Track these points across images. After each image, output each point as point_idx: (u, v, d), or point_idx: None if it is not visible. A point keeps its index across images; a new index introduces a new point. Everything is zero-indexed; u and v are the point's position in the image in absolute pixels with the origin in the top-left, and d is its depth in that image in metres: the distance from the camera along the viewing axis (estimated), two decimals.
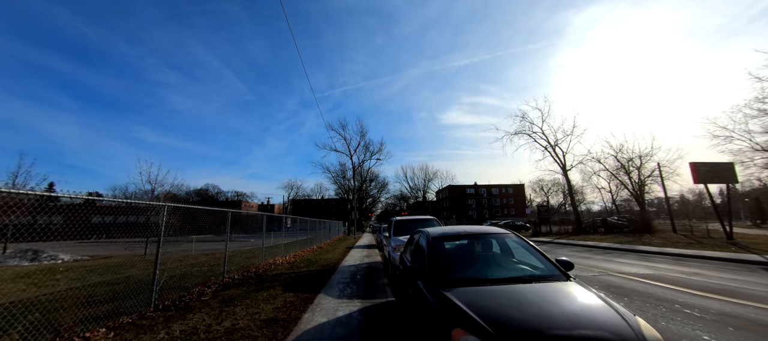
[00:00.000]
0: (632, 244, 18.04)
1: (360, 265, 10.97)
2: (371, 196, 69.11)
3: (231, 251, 17.09)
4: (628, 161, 36.12)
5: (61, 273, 10.28)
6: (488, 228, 4.17)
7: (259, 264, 10.58)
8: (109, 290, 6.83)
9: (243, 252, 16.06)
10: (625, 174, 36.65)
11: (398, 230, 9.31)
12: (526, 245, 3.70)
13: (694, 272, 8.63)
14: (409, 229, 9.35)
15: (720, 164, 18.28)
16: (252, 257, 13.37)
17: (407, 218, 9.98)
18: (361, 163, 43.74)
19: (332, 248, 18.78)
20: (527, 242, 3.73)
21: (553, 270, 3.18)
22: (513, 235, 3.94)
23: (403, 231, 9.26)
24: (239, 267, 9.93)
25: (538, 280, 2.94)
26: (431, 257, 3.45)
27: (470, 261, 3.62)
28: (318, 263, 11.70)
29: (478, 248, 3.99)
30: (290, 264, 11.28)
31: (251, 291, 6.75)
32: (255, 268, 9.94)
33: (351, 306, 5.63)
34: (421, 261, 3.99)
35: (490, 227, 4.28)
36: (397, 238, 8.58)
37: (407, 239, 8.15)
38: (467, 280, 3.04)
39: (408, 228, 9.42)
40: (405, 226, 9.52)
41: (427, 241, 3.90)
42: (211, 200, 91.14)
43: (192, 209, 7.51)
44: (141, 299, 5.35)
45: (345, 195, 53.86)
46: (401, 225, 9.57)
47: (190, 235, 21.99)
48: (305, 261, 12.39)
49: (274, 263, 11.27)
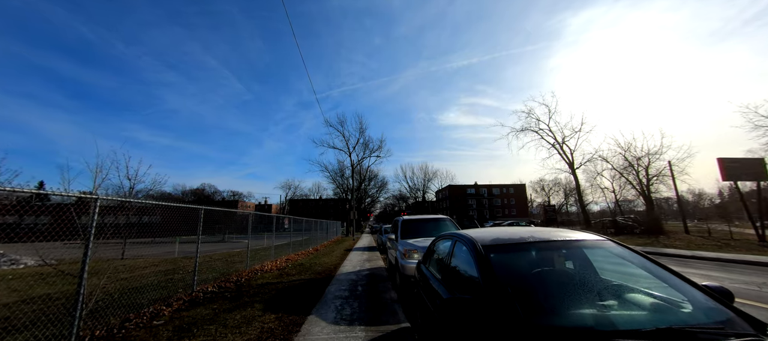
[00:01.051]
0: (654, 246, 16.64)
1: (360, 272, 9.48)
2: (370, 196, 67.61)
3: (216, 255, 15.63)
4: (637, 159, 34.90)
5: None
6: (567, 233, 2.69)
7: (242, 271, 9.07)
8: (34, 310, 5.28)
9: (230, 256, 14.55)
10: (634, 173, 35.45)
11: (407, 232, 7.83)
12: (646, 262, 2.23)
13: (763, 282, 7.20)
14: (421, 230, 7.88)
15: (749, 160, 16.93)
16: (238, 261, 11.85)
17: (418, 217, 8.51)
18: (360, 161, 42.19)
19: (329, 251, 17.27)
20: (648, 259, 2.26)
21: (723, 312, 1.72)
22: (613, 243, 2.46)
23: (413, 233, 7.79)
24: (218, 275, 8.42)
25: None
26: (491, 281, 1.97)
27: (565, 291, 2.11)
28: (312, 269, 10.19)
29: (565, 266, 2.50)
30: (280, 271, 9.77)
31: (222, 311, 5.24)
32: (237, 276, 8.43)
33: (351, 336, 4.14)
34: (461, 283, 2.52)
35: (569, 232, 2.76)
36: (406, 241, 7.11)
37: (421, 243, 6.72)
38: (576, 332, 1.57)
39: (420, 230, 7.95)
40: (416, 227, 8.05)
41: (473, 252, 2.42)
42: (207, 200, 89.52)
43: (170, 208, 6.02)
44: (59, 328, 3.84)
45: (343, 195, 52.26)
46: (411, 226, 8.09)
47: (183, 235, 20.44)
48: (298, 266, 10.88)
49: (261, 269, 9.75)
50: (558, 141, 32.54)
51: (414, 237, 7.47)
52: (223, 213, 9.41)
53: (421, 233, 7.79)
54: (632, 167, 35.37)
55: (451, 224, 8.20)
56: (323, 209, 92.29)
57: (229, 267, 10.22)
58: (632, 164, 35.37)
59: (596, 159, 35.38)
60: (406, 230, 7.92)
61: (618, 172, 37.12)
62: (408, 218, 8.45)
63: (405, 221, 8.32)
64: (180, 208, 6.22)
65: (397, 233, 7.98)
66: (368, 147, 42.01)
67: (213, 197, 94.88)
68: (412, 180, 78.73)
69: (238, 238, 36.06)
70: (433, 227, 8.01)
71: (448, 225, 8.11)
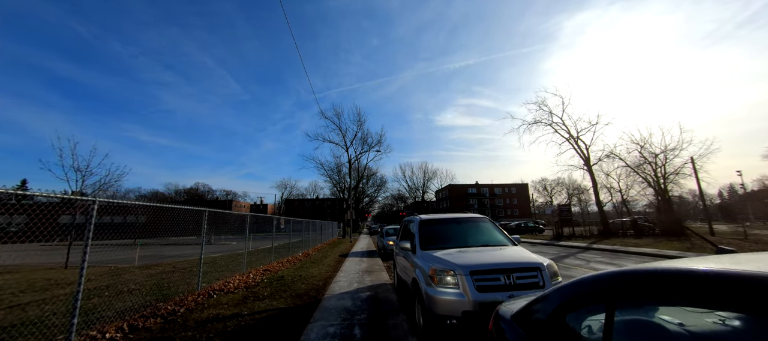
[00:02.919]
0: (681, 250, 14.14)
1: (359, 292, 6.83)
2: (368, 195, 64.83)
3: (185, 262, 12.72)
4: (655, 156, 32.54)
5: None
6: None
7: (190, 294, 6.37)
8: None
9: (206, 262, 11.76)
10: (652, 170, 33.12)
11: (430, 239, 5.18)
12: None
13: None
14: (450, 236, 5.29)
15: None
16: (208, 272, 9.18)
17: (443, 217, 5.84)
18: (358, 156, 39.41)
19: (322, 257, 14.58)
20: None
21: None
22: None
23: (439, 240, 5.15)
24: (149, 301, 5.73)
25: None
26: None
27: None
28: (293, 287, 7.51)
29: None
30: (248, 290, 7.10)
31: None
32: (178, 302, 5.74)
33: None
34: None
35: None
36: (432, 254, 4.49)
37: (461, 259, 4.04)
38: None
39: (448, 235, 5.33)
40: (443, 232, 5.41)
41: None
42: (200, 200, 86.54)
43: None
44: None
45: (340, 194, 49.43)
46: (435, 231, 5.44)
47: (164, 236, 17.62)
48: (275, 282, 8.19)
49: (222, 289, 7.06)
50: (572, 136, 30.05)
51: (442, 247, 4.84)
52: (191, 213, 6.80)
53: (451, 240, 5.16)
54: (650, 163, 33.07)
55: (492, 227, 5.58)
56: (320, 209, 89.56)
57: (186, 284, 7.53)
58: (649, 161, 33.07)
59: (608, 157, 32.94)
60: (427, 235, 5.27)
61: (632, 169, 34.75)
62: (429, 219, 5.79)
63: (425, 222, 5.66)
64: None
65: (414, 240, 5.32)
66: (366, 142, 39.17)
67: (206, 197, 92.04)
68: (411, 180, 76.21)
69: (226, 239, 33.24)
70: (469, 232, 5.39)
71: (489, 230, 5.49)
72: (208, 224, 7.19)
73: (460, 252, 4.43)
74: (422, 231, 5.33)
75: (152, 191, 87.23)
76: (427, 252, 4.66)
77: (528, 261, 3.90)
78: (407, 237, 6.21)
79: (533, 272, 3.80)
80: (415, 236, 5.37)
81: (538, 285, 3.69)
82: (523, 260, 3.95)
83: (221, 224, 27.18)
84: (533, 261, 3.93)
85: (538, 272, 3.80)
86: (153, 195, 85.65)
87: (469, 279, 3.66)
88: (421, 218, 5.79)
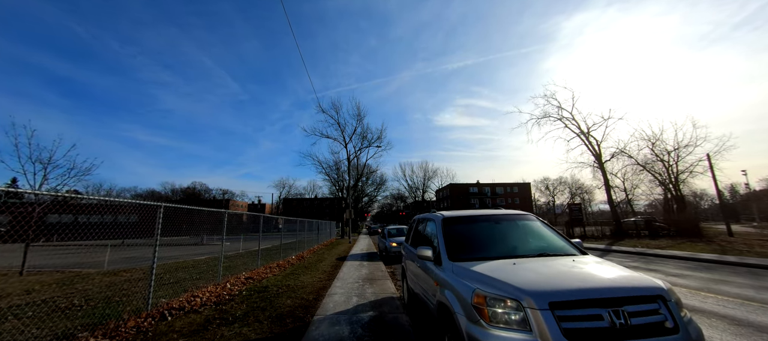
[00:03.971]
0: (719, 253, 12.67)
1: (358, 311, 5.33)
2: (368, 194, 63.11)
3: (166, 266, 10.76)
4: (668, 153, 31.14)
5: None
6: None
7: (143, 314, 4.84)
8: None
9: (192, 266, 10.23)
10: (664, 168, 31.76)
11: (462, 245, 3.66)
12: None
13: None
14: (487, 242, 3.84)
15: None
16: (182, 279, 7.70)
17: (474, 214, 4.29)
18: (358, 153, 37.73)
19: (317, 260, 13.07)
20: None
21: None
22: None
23: (476, 247, 3.68)
24: (87, 322, 4.21)
25: None
26: None
27: None
28: (276, 303, 5.99)
29: None
30: (216, 307, 5.57)
31: None
32: (117, 327, 4.22)
33: None
34: None
35: None
36: (471, 269, 3.00)
37: (522, 280, 2.51)
38: None
39: (484, 240, 3.88)
40: (478, 234, 3.91)
41: None
42: (197, 199, 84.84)
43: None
44: None
45: (339, 193, 47.77)
46: (467, 233, 3.91)
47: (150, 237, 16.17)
48: (255, 295, 6.67)
49: (183, 307, 5.52)
50: (583, 131, 28.57)
51: (481, 258, 3.33)
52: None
53: (492, 247, 3.66)
54: (662, 161, 31.71)
55: (545, 228, 4.07)
56: (318, 209, 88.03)
57: (145, 297, 6.01)
58: (662, 159, 31.71)
59: (619, 154, 31.50)
60: (456, 241, 3.74)
61: (643, 167, 33.36)
62: (455, 216, 4.25)
63: (450, 221, 4.12)
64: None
65: (437, 245, 3.81)
66: (366, 138, 37.46)
67: (202, 196, 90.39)
68: (411, 179, 74.66)
69: (219, 240, 31.65)
70: (515, 235, 3.88)
71: (542, 232, 3.98)
72: (204, 225, 5.66)
73: (514, 266, 2.93)
74: (448, 235, 3.81)
75: (149, 190, 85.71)
76: (461, 266, 3.15)
77: (641, 284, 2.40)
78: (422, 242, 4.70)
79: (652, 303, 2.29)
80: (437, 242, 3.85)
81: (664, 327, 2.19)
82: (632, 283, 2.44)
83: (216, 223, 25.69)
84: (649, 283, 2.42)
85: (661, 302, 2.30)
86: (149, 194, 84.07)
87: (549, 316, 2.16)
88: (444, 215, 4.26)
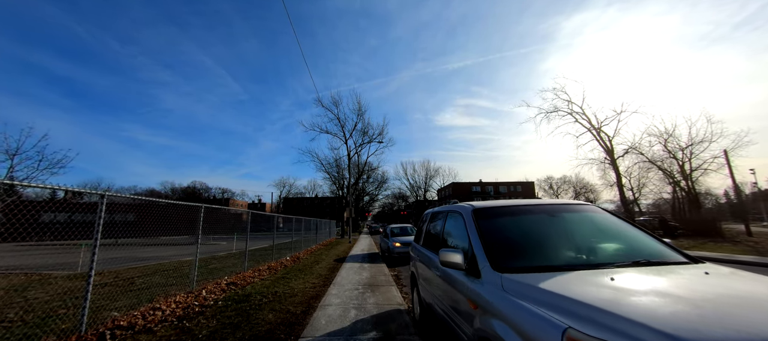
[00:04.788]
0: (756, 255, 11.45)
1: (357, 330, 4.17)
2: (368, 193, 61.86)
3: (135, 271, 9.39)
4: (681, 149, 29.90)
5: None
6: None
7: (96, 325, 3.68)
8: None
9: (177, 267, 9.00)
10: (678, 165, 30.55)
11: (507, 248, 2.48)
12: None
13: None
14: (550, 243, 2.56)
15: None
16: (152, 285, 6.57)
17: (516, 204, 3.08)
18: (358, 149, 36.48)
19: (312, 263, 11.91)
20: None
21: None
22: None
23: (530, 251, 2.46)
24: None
25: None
26: None
27: None
28: (255, 318, 4.82)
29: None
30: (178, 324, 4.40)
31: None
32: None
33: None
34: None
35: None
36: (542, 287, 1.76)
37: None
38: None
39: (542, 240, 2.64)
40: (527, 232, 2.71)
41: None
42: (196, 198, 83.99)
43: None
44: None
45: (339, 192, 46.55)
46: (511, 229, 2.73)
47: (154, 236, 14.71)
48: (232, 306, 5.50)
49: (136, 323, 4.34)
50: (594, 126, 27.32)
51: (543, 267, 2.15)
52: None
53: (553, 250, 2.47)
54: (675, 158, 30.51)
55: (619, 220, 2.88)
56: (319, 208, 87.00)
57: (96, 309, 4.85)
58: (675, 156, 30.50)
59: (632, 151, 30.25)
60: (496, 240, 2.55)
61: (654, 165, 32.13)
62: (490, 207, 3.03)
63: (484, 213, 2.90)
64: None
65: (468, 248, 2.62)
66: (367, 134, 36.20)
67: (202, 196, 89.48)
68: (412, 178, 73.51)
69: (216, 239, 30.49)
70: (580, 234, 2.69)
71: (617, 227, 2.79)
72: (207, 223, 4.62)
73: (614, 283, 1.75)
74: (485, 233, 2.61)
75: (148, 189, 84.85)
76: (519, 281, 1.96)
77: None
78: (440, 243, 3.53)
79: None
80: (468, 243, 2.67)
81: None
82: None
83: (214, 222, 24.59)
84: None
85: None
86: (149, 193, 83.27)
87: None
88: (474, 206, 3.06)
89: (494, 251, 2.39)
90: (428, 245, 4.16)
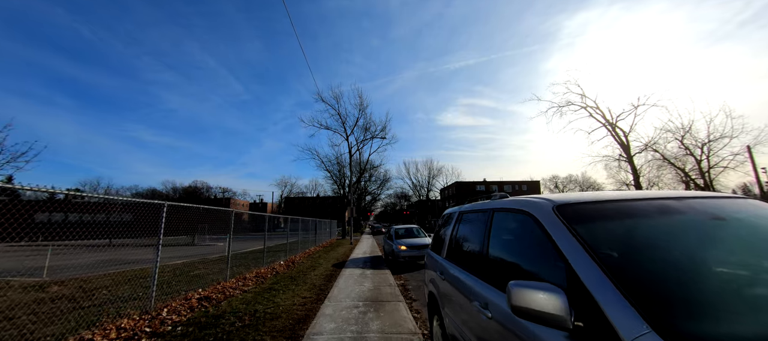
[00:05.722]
0: None
1: None
2: (370, 193, 60.46)
3: (105, 279, 7.63)
4: (700, 145, 28.41)
5: None
6: None
7: None
8: None
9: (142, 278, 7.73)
10: (695, 163, 29.06)
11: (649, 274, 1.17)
12: None
13: None
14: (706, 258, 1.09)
15: None
16: (116, 299, 5.35)
17: (633, 196, 1.83)
18: (360, 146, 35.16)
19: (308, 268, 10.64)
20: None
21: None
22: None
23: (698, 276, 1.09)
24: None
25: None
26: None
27: None
28: None
29: None
30: None
31: None
32: None
33: None
34: None
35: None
36: None
37: None
38: None
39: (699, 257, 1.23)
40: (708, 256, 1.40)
41: None
42: (197, 198, 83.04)
43: None
44: None
45: (340, 191, 45.27)
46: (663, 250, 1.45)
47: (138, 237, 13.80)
48: (197, 330, 4.23)
49: None
50: (609, 121, 25.88)
51: None
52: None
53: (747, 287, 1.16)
54: (692, 155, 29.03)
55: None
56: (321, 208, 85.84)
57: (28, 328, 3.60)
58: (692, 153, 29.02)
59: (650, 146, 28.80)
60: (647, 276, 1.26)
61: (670, 163, 30.65)
62: (586, 201, 1.77)
63: (585, 212, 1.64)
64: None
65: (589, 285, 1.32)
66: (369, 130, 34.80)
67: (203, 195, 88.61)
68: (415, 177, 72.14)
69: (212, 239, 29.33)
70: (762, 247, 1.37)
71: None
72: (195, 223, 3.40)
73: None
74: (605, 251, 1.32)
75: (149, 189, 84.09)
76: None
77: None
78: (478, 260, 2.24)
79: None
80: (569, 271, 1.37)
81: None
82: None
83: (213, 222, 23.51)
84: None
85: None
86: (150, 192, 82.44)
87: None
88: (556, 202, 1.77)
89: (648, 296, 1.10)
90: (456, 260, 2.88)
